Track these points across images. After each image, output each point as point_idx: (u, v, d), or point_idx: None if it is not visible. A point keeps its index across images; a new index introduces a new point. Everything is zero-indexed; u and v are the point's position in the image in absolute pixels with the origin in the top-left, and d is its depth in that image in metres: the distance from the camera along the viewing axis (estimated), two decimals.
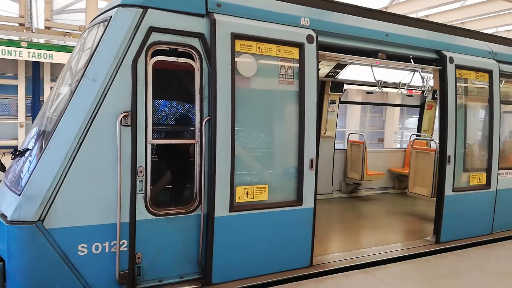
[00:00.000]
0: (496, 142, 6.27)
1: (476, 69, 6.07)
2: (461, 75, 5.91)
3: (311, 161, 4.53)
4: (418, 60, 5.73)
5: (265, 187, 4.32)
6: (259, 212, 4.26)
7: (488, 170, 6.23)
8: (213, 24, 3.93)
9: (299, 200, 4.50)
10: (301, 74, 4.46)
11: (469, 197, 5.98)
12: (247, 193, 4.21)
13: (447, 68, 5.66)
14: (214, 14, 3.98)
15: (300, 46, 4.44)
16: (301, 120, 4.46)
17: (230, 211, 4.06)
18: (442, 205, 5.68)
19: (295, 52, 4.44)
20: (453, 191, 5.73)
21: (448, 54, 5.70)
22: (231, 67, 4.00)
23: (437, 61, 5.77)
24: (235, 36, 4.03)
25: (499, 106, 6.31)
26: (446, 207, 5.68)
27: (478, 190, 6.11)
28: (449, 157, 5.65)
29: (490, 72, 6.20)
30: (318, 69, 4.60)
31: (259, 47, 4.23)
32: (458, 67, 5.79)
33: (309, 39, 4.49)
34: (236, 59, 4.07)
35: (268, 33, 4.25)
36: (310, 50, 4.50)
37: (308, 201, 4.54)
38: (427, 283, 4.50)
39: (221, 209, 4.01)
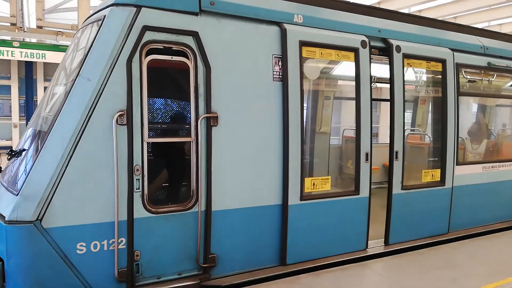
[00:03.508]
0: (451, 136, 5.75)
1: (428, 59, 5.55)
2: (410, 65, 5.44)
3: (366, 154, 4.93)
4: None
5: (328, 179, 4.82)
6: (324, 200, 4.74)
7: (443, 166, 5.72)
8: (284, 34, 4.37)
9: (356, 190, 4.92)
10: (356, 76, 4.89)
11: (420, 195, 5.52)
12: (313, 184, 4.70)
13: (393, 57, 5.19)
14: (284, 24, 4.41)
15: (355, 50, 4.86)
16: (358, 117, 4.90)
17: (301, 200, 4.52)
18: (390, 204, 5.26)
19: (351, 56, 4.87)
20: (402, 189, 5.29)
21: (395, 43, 5.24)
22: (300, 71, 4.44)
23: (384, 50, 5.29)
24: (302, 44, 4.49)
25: (454, 98, 5.77)
26: (394, 206, 5.24)
27: (431, 188, 5.63)
28: (396, 152, 5.22)
29: (443, 62, 5.69)
30: (371, 71, 4.99)
31: (321, 53, 4.71)
32: (406, 56, 5.29)
33: (363, 44, 4.88)
34: (303, 64, 4.51)
35: (327, 40, 4.69)
36: (364, 54, 4.89)
37: (364, 191, 4.95)
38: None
39: (293, 198, 4.46)
